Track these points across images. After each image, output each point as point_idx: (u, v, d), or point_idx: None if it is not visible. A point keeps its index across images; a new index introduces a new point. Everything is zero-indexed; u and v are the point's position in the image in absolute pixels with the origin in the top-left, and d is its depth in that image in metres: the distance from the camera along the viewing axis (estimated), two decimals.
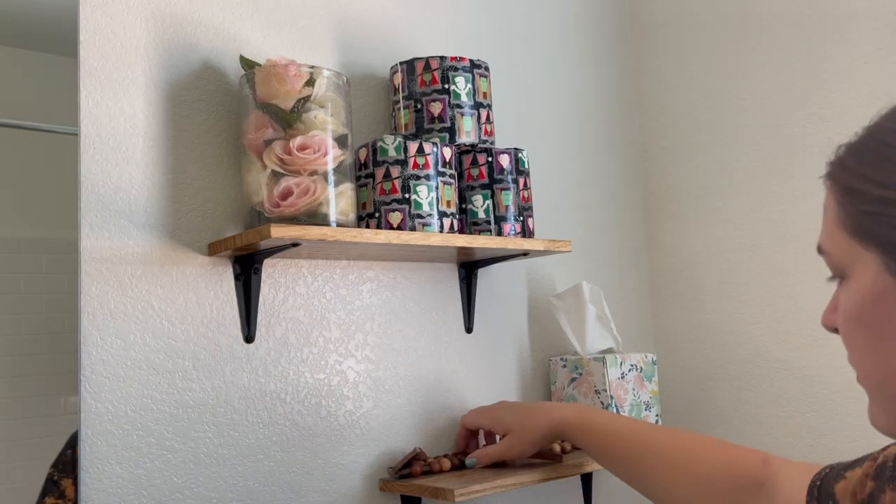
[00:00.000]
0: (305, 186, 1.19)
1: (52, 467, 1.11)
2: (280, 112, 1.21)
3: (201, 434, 1.23)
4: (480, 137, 1.45)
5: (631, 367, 1.61)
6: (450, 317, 1.56)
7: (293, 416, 1.32)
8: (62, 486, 1.10)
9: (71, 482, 1.10)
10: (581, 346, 1.62)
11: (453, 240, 1.35)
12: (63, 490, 1.10)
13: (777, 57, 1.81)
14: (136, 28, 1.25)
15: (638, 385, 1.61)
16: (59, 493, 1.10)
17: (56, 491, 1.10)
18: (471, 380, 1.58)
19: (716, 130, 1.90)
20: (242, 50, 1.34)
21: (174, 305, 1.23)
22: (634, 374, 1.61)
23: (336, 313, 1.40)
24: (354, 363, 1.41)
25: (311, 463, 1.33)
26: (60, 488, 1.10)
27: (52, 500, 1.09)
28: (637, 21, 2.09)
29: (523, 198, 1.48)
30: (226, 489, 1.24)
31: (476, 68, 1.46)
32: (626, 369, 1.59)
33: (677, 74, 1.99)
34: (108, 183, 1.19)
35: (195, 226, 1.26)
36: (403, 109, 1.44)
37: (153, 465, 1.18)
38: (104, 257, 1.17)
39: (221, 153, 1.31)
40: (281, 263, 1.34)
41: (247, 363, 1.29)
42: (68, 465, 1.11)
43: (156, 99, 1.25)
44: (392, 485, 1.37)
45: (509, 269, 1.67)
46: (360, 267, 1.44)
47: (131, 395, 1.17)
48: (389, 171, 1.33)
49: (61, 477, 1.10)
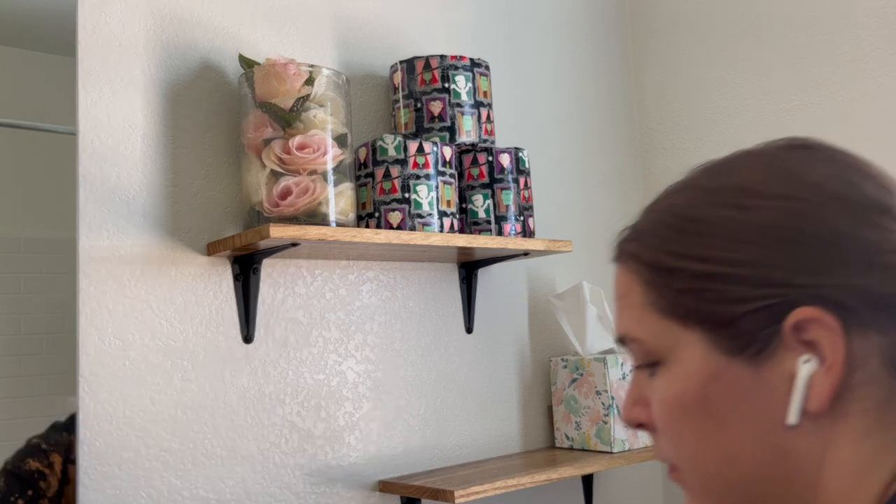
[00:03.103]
0: (305, 186, 1.19)
1: (38, 438, 1.10)
2: (279, 111, 1.20)
3: (200, 435, 1.23)
4: (481, 137, 1.45)
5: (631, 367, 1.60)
6: (450, 317, 1.56)
7: (292, 417, 1.32)
8: (51, 458, 1.09)
9: (61, 460, 1.10)
10: (581, 347, 1.62)
11: (453, 240, 1.34)
12: (51, 462, 1.09)
13: (777, 57, 1.80)
14: (135, 28, 1.24)
15: None
16: (46, 463, 1.09)
17: (44, 459, 1.09)
18: (471, 380, 1.57)
19: (716, 130, 1.90)
20: (241, 49, 1.34)
21: (173, 306, 1.22)
22: None
23: (336, 313, 1.39)
24: (354, 363, 1.41)
25: (311, 464, 1.33)
26: (49, 458, 1.09)
27: (38, 465, 1.08)
28: (637, 21, 2.08)
29: (524, 197, 1.48)
30: (225, 490, 1.24)
31: (476, 67, 1.45)
32: (627, 370, 1.59)
33: (677, 74, 1.99)
34: (106, 183, 1.19)
35: (194, 226, 1.26)
36: (403, 108, 1.44)
37: (152, 465, 1.18)
38: (102, 257, 1.17)
39: (220, 153, 1.30)
40: (280, 263, 1.34)
41: (246, 363, 1.28)
42: (62, 446, 1.10)
43: (154, 98, 1.25)
44: (392, 485, 1.36)
45: (509, 269, 1.67)
46: (359, 267, 1.44)
47: (130, 396, 1.17)
48: (389, 170, 1.32)
49: (51, 450, 1.10)
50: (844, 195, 0.52)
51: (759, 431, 0.52)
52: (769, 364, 0.51)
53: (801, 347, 0.50)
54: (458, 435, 1.53)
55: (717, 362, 0.53)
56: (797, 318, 0.50)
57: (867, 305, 0.50)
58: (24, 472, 1.07)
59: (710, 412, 0.54)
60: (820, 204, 0.52)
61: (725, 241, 0.53)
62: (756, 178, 0.54)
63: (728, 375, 0.53)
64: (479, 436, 1.56)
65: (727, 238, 0.53)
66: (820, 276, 0.50)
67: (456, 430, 1.52)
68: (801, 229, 0.51)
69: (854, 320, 0.50)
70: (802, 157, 0.55)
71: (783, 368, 0.51)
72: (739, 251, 0.52)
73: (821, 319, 0.49)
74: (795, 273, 0.51)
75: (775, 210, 0.52)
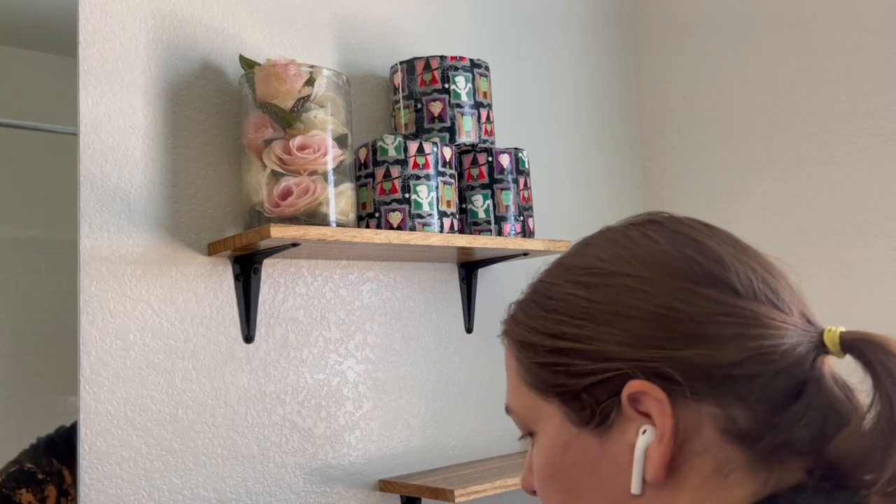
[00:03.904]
0: (305, 186, 1.19)
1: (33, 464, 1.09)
2: (280, 112, 1.20)
3: (201, 434, 1.23)
4: (480, 137, 1.45)
5: None
6: (450, 317, 1.56)
7: (293, 416, 1.32)
8: (45, 491, 1.09)
9: (55, 494, 1.09)
10: None
11: (453, 240, 1.34)
12: (45, 496, 1.08)
13: (777, 57, 1.81)
14: (136, 28, 1.25)
15: None
16: (40, 497, 1.08)
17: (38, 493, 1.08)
18: (471, 380, 1.57)
19: (716, 130, 1.90)
20: (242, 49, 1.34)
21: (174, 305, 1.23)
22: None
23: (336, 313, 1.40)
24: (354, 363, 1.41)
25: (311, 464, 1.33)
26: (44, 492, 1.09)
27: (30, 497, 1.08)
28: (637, 21, 2.09)
29: (523, 198, 1.48)
30: (225, 490, 1.24)
31: (476, 68, 1.46)
32: None
33: (677, 74, 1.99)
34: (107, 183, 1.19)
35: (195, 226, 1.26)
36: (403, 109, 1.44)
37: (153, 465, 1.18)
38: (103, 257, 1.17)
39: (221, 153, 1.31)
40: (281, 263, 1.34)
41: (246, 363, 1.28)
42: (55, 475, 1.10)
43: (155, 99, 1.25)
44: (392, 485, 1.37)
45: (509, 269, 1.67)
46: (360, 267, 1.44)
47: (131, 396, 1.17)
48: (389, 170, 1.33)
49: (46, 481, 1.09)
50: (677, 270, 0.54)
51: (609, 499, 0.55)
52: (613, 435, 0.54)
53: (640, 418, 0.53)
54: (458, 435, 1.53)
55: (568, 433, 0.56)
56: (630, 391, 0.52)
57: (695, 377, 0.52)
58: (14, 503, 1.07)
59: (567, 482, 0.56)
60: (651, 280, 0.54)
61: (572, 318, 0.56)
62: (601, 257, 0.57)
63: (578, 446, 0.55)
64: (479, 436, 1.57)
65: (573, 315, 0.56)
66: (648, 349, 0.52)
67: (456, 430, 1.53)
68: (634, 305, 0.54)
69: (681, 392, 0.52)
70: (646, 233, 0.57)
71: (625, 439, 0.53)
72: (583, 328, 0.55)
73: (649, 392, 0.52)
74: (628, 347, 0.53)
75: (613, 288, 0.55)
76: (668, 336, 0.52)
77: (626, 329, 0.53)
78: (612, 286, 0.55)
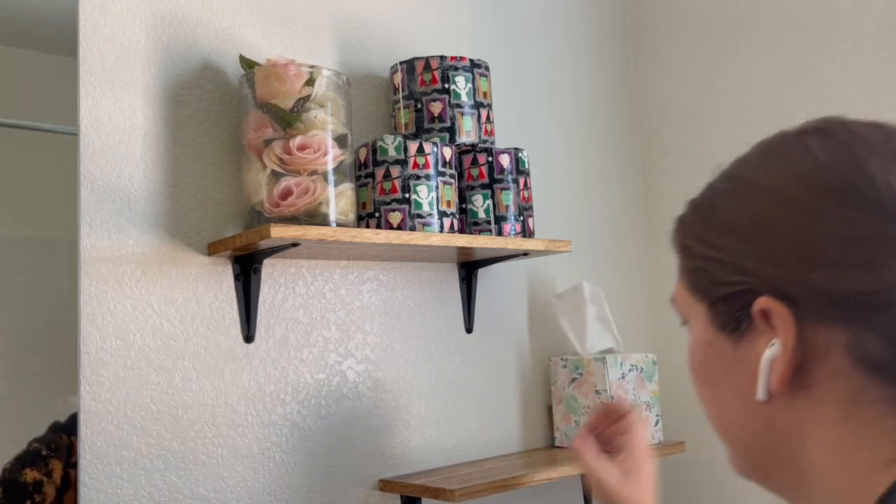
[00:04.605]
0: (305, 186, 1.19)
1: (39, 442, 1.10)
2: (280, 112, 1.20)
3: (201, 434, 1.23)
4: (480, 137, 1.45)
5: (631, 367, 1.61)
6: (450, 317, 1.56)
7: (293, 416, 1.32)
8: (50, 465, 1.09)
9: (61, 466, 1.10)
10: (581, 347, 1.62)
11: (453, 240, 1.34)
12: (50, 469, 1.09)
13: (777, 57, 1.81)
14: (136, 28, 1.25)
15: (638, 385, 1.61)
16: (45, 471, 1.09)
17: (42, 468, 1.09)
18: (471, 380, 1.58)
19: (716, 130, 1.90)
20: (242, 49, 1.34)
21: (174, 305, 1.23)
22: (635, 374, 1.61)
23: (336, 313, 1.40)
24: (354, 363, 1.41)
25: (311, 463, 1.33)
26: (48, 466, 1.09)
27: (35, 474, 1.08)
28: (637, 21, 2.08)
29: (523, 198, 1.48)
30: (225, 489, 1.24)
31: (476, 68, 1.46)
32: (627, 369, 1.59)
33: (677, 75, 1.99)
34: (107, 183, 1.19)
35: (195, 226, 1.26)
36: (403, 109, 1.44)
37: (153, 465, 1.18)
38: (104, 257, 1.17)
39: (221, 153, 1.31)
40: (281, 263, 1.34)
41: (246, 363, 1.29)
42: (62, 450, 1.10)
43: (155, 99, 1.25)
44: (392, 485, 1.37)
45: (509, 269, 1.67)
46: (359, 267, 1.44)
47: (131, 395, 1.17)
48: (389, 170, 1.33)
49: (51, 455, 1.09)
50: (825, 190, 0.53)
51: (743, 400, 0.57)
52: (745, 343, 0.57)
53: (770, 332, 0.54)
54: (458, 435, 1.53)
55: (710, 334, 0.59)
56: (759, 307, 0.54)
57: (826, 301, 0.52)
58: (20, 484, 1.07)
59: (707, 376, 0.61)
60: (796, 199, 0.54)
61: (719, 228, 0.58)
62: (757, 170, 0.59)
63: (716, 346, 0.59)
64: (479, 435, 1.57)
65: (721, 225, 0.58)
66: (781, 269, 0.54)
67: (456, 429, 1.53)
68: (774, 223, 0.55)
69: (809, 313, 0.53)
70: (808, 146, 0.57)
71: (755, 349, 0.56)
72: (727, 239, 0.57)
73: (775, 309, 0.53)
74: (762, 264, 0.55)
75: (759, 204, 0.56)
76: (804, 257, 0.53)
77: (763, 246, 0.55)
78: (759, 202, 0.56)
